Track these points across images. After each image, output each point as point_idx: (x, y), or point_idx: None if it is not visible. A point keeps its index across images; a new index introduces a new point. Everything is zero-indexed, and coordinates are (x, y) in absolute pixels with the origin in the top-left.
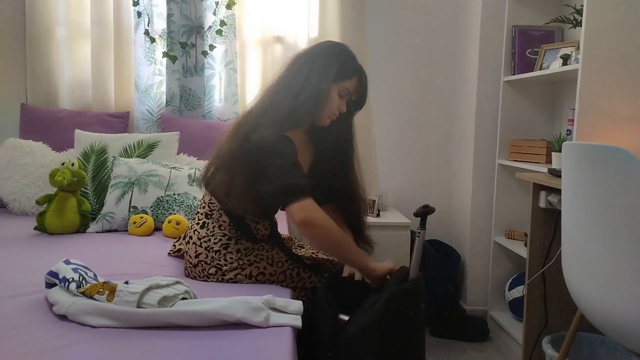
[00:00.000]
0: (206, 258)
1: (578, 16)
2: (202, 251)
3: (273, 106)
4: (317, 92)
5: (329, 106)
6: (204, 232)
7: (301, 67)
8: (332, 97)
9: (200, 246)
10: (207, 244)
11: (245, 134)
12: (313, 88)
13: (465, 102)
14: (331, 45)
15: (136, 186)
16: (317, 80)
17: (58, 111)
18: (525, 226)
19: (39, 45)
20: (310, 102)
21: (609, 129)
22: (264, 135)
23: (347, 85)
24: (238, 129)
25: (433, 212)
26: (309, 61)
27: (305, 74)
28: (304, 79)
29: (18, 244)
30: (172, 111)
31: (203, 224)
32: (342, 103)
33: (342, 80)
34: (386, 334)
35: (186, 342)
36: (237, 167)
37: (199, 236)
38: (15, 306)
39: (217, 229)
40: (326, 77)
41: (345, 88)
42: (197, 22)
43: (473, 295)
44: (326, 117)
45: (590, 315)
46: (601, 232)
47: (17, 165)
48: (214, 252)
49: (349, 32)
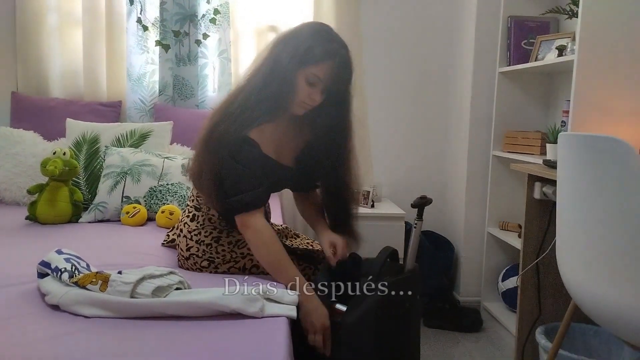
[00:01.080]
0: (197, 251)
1: (574, 7)
2: (193, 244)
3: (243, 95)
4: (283, 79)
5: (298, 95)
6: (194, 225)
7: (272, 50)
8: (299, 85)
9: (191, 239)
10: (197, 237)
11: (214, 123)
12: (279, 75)
13: (460, 93)
14: (306, 26)
15: (129, 176)
16: (284, 66)
17: (49, 100)
18: (519, 218)
19: (30, 33)
20: (277, 92)
21: (604, 121)
22: (229, 130)
23: (315, 71)
24: (211, 117)
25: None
26: (281, 44)
27: (274, 59)
28: (272, 65)
29: (9, 233)
30: (165, 100)
31: (193, 217)
32: (313, 91)
33: (308, 66)
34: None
35: (180, 333)
36: (204, 159)
37: (189, 229)
38: (7, 296)
39: (207, 222)
40: (292, 61)
41: (313, 74)
42: (191, 11)
43: (467, 286)
44: (297, 106)
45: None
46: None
47: (8, 155)
48: (205, 245)
49: (344, 22)
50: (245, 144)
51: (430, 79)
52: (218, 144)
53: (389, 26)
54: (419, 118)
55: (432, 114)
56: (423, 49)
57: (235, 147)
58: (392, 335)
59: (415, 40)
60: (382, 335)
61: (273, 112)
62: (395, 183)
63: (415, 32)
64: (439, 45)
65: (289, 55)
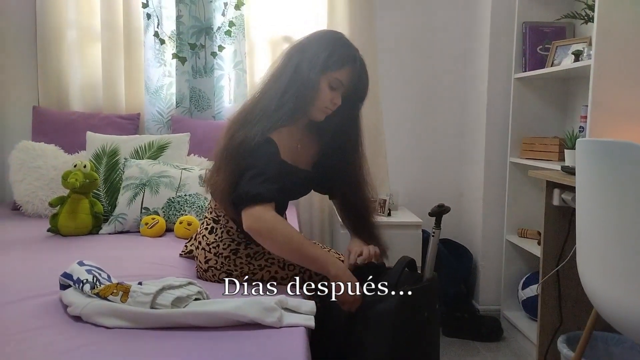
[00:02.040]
0: (216, 264)
1: (590, 11)
2: (211, 257)
3: (262, 102)
4: (305, 85)
5: (320, 99)
6: (213, 238)
7: (291, 58)
8: (322, 90)
9: (209, 252)
10: (216, 249)
11: (233, 132)
12: (302, 81)
13: (476, 100)
14: (321, 33)
15: (147, 187)
16: (306, 72)
17: (69, 113)
18: (538, 225)
19: (50, 48)
20: (299, 97)
21: (622, 126)
22: (249, 134)
23: (338, 76)
24: (230, 126)
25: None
26: (298, 52)
27: (294, 66)
28: (292, 72)
29: (32, 246)
30: (182, 112)
31: (211, 229)
32: (335, 95)
33: (332, 71)
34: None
35: (199, 343)
36: (223, 166)
37: (207, 242)
38: (30, 308)
39: (225, 234)
40: (314, 67)
41: (336, 79)
42: (206, 23)
43: (486, 295)
44: (318, 111)
45: (606, 313)
46: (617, 229)
47: (30, 168)
48: (224, 258)
49: (358, 31)
50: (265, 142)
51: (445, 86)
52: (238, 147)
53: (403, 34)
54: (435, 125)
55: (447, 121)
56: (437, 56)
57: (255, 146)
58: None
59: (429, 47)
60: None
61: (293, 116)
62: (412, 191)
63: (429, 40)
64: (454, 52)
65: (309, 62)
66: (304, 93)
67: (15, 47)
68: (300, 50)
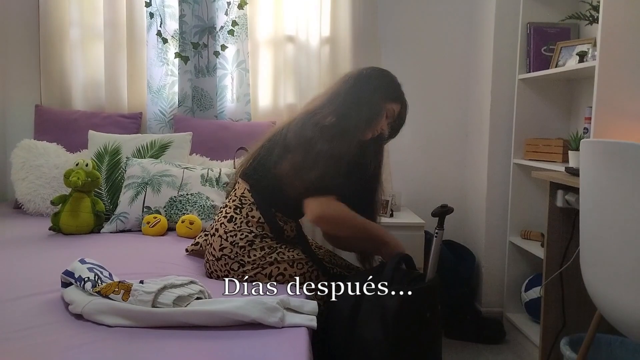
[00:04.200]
0: (230, 252)
1: (594, 12)
2: (227, 245)
3: (339, 111)
4: (373, 107)
5: (377, 122)
6: (231, 227)
7: (350, 85)
8: (381, 115)
9: (225, 240)
10: (233, 238)
11: (317, 121)
12: (370, 103)
13: (480, 101)
14: (382, 70)
15: (149, 186)
16: (374, 97)
17: (72, 112)
18: (541, 226)
19: (53, 46)
20: (368, 116)
21: (627, 127)
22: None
23: (394, 107)
24: (306, 119)
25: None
26: (362, 79)
27: (358, 90)
28: (357, 95)
29: (33, 244)
30: (185, 112)
31: (231, 218)
32: (386, 124)
33: (391, 102)
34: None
35: (201, 342)
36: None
37: (225, 230)
38: (31, 306)
39: (244, 225)
40: (380, 94)
41: (392, 109)
42: (209, 23)
43: (488, 297)
44: (371, 132)
45: (610, 316)
46: (621, 231)
47: (31, 167)
48: (239, 248)
49: (362, 31)
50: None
51: (450, 86)
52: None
53: (407, 33)
54: (439, 126)
55: (451, 122)
56: (441, 56)
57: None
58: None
59: (433, 47)
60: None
61: (360, 133)
62: (414, 192)
63: (433, 40)
64: (458, 53)
65: (374, 88)
66: (371, 114)
67: (18, 45)
68: (366, 78)
